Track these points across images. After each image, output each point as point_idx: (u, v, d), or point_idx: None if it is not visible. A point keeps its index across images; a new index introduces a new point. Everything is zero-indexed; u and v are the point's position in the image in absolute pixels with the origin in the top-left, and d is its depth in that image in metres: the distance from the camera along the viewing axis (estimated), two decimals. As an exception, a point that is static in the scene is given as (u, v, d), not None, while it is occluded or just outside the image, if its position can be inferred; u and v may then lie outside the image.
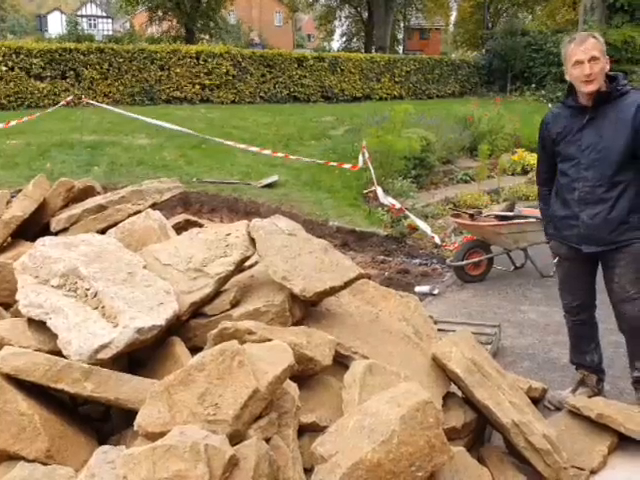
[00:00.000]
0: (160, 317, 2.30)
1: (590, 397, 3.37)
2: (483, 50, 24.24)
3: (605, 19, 19.80)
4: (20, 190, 7.75)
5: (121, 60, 14.31)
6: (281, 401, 2.18)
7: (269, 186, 8.54)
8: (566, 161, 3.28)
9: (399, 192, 8.05)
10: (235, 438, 1.90)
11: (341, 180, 9.06)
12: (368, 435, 2.04)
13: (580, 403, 3.17)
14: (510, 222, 5.82)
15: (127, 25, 43.51)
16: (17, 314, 2.56)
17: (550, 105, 16.42)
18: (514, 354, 4.40)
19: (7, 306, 2.78)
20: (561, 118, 3.33)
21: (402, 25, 42.16)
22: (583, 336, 3.59)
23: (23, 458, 2.00)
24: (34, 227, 3.56)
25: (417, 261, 6.83)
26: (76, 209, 3.50)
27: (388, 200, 7.25)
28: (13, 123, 8.82)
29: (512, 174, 10.67)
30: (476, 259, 5.99)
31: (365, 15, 36.84)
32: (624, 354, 3.57)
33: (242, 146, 8.77)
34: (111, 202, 3.52)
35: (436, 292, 5.70)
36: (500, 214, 6.04)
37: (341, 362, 2.67)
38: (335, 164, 8.35)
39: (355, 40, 43.21)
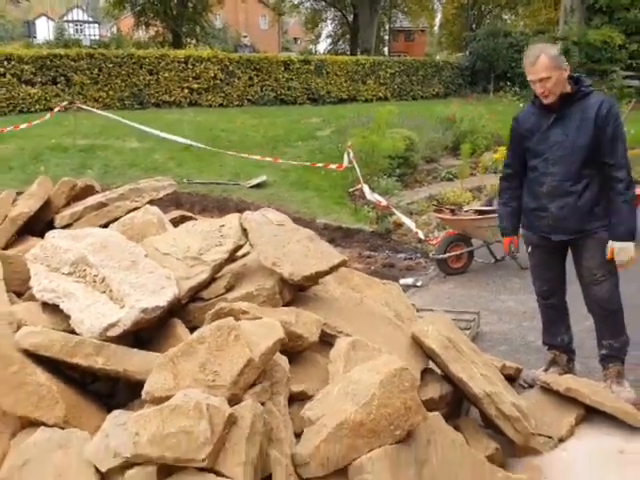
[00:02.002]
0: (162, 299, 2.54)
1: (561, 375, 3.63)
2: (466, 52, 24.58)
3: (585, 20, 20.22)
4: (19, 193, 8.00)
5: (110, 65, 14.50)
6: (273, 371, 2.42)
7: (258, 186, 8.79)
8: (535, 157, 3.52)
9: (384, 190, 8.32)
10: (233, 401, 2.14)
11: (327, 180, 9.32)
12: (351, 399, 2.29)
13: (550, 379, 3.43)
14: (488, 216, 6.10)
15: (114, 30, 43.58)
16: (30, 300, 2.78)
17: (522, 105, 16.80)
18: (492, 339, 4.66)
19: (19, 294, 3.00)
20: (531, 116, 3.56)
21: (387, 27, 42.50)
22: (554, 319, 3.84)
23: (43, 424, 2.23)
24: (39, 224, 3.77)
25: (402, 255, 7.10)
26: (78, 206, 3.73)
27: (374, 197, 7.51)
28: (10, 128, 8.99)
29: (494, 172, 10.93)
30: (457, 252, 6.27)
31: (350, 18, 37.16)
32: (594, 338, 3.81)
33: (230, 152, 9.00)
34: (111, 199, 3.75)
35: (420, 284, 5.97)
36: (479, 209, 6.32)
37: (327, 341, 2.91)
38: (321, 165, 8.58)
39: (341, 42, 43.54)
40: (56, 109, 9.84)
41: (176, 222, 3.76)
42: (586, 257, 3.52)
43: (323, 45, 48.31)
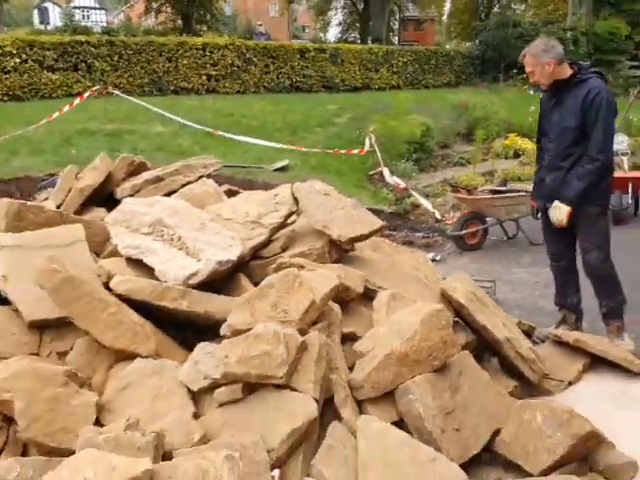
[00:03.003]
0: (232, 254, 2.96)
1: (570, 331, 4.06)
2: (477, 41, 24.83)
3: (593, 11, 20.57)
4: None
5: (130, 52, 14.87)
6: (329, 315, 2.84)
7: (281, 170, 9.18)
8: (543, 135, 4.08)
9: (402, 173, 8.72)
10: (301, 334, 2.56)
11: (347, 164, 9.70)
12: (396, 335, 2.71)
13: (561, 332, 3.86)
14: (503, 195, 6.50)
15: (120, 17, 43.86)
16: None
17: (532, 92, 17.30)
18: (507, 305, 5.05)
19: (97, 255, 3.42)
20: (544, 99, 4.12)
21: (397, 16, 42.60)
22: (564, 280, 4.28)
23: (138, 355, 2.65)
24: (99, 195, 4.19)
25: (420, 234, 7.51)
26: (137, 180, 4.15)
27: (394, 180, 7.92)
28: (56, 115, 9.39)
29: (505, 157, 11.33)
30: (473, 229, 6.68)
31: (361, 6, 37.28)
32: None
33: (258, 141, 9.34)
34: (167, 174, 4.18)
35: (438, 258, 6.39)
36: (494, 189, 6.73)
37: (368, 295, 3.32)
38: (344, 151, 8.96)
39: (351, 31, 43.67)
40: (86, 94, 10.19)
41: (226, 194, 4.17)
42: (577, 228, 3.98)
43: (332, 33, 48.42)
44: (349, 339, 2.95)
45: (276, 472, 2.21)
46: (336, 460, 2.34)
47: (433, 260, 6.31)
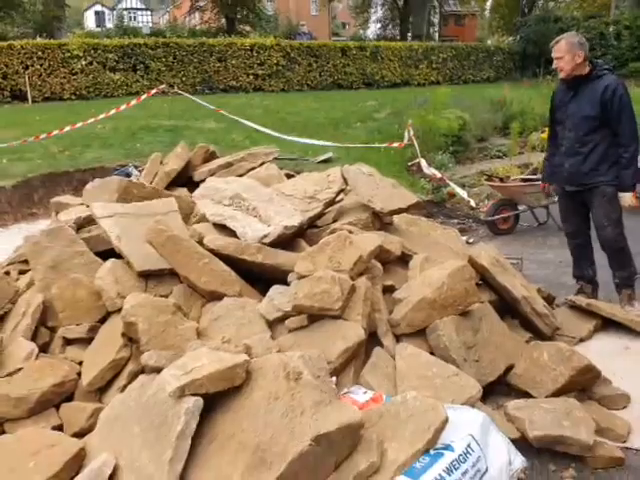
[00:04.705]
0: (295, 221, 3.69)
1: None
2: (517, 36, 25.05)
3: (636, 5, 20.57)
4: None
5: (184, 53, 15.89)
6: (372, 269, 3.53)
7: (325, 161, 9.89)
8: (559, 124, 4.59)
9: (439, 165, 9.31)
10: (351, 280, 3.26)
11: (386, 157, 10.34)
12: (427, 285, 3.38)
13: (575, 298, 4.45)
14: (533, 183, 7.06)
15: (165, 17, 45.24)
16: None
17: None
18: (533, 280, 5.59)
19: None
20: (560, 92, 4.62)
21: (438, 11, 42.81)
22: (580, 255, 4.83)
23: (225, 295, 3.39)
24: (180, 178, 4.98)
25: (455, 221, 8.10)
26: (212, 165, 4.92)
27: (431, 170, 8.52)
28: (113, 112, 10.25)
29: (541, 150, 11.76)
30: (505, 215, 7.26)
31: (401, 2, 37.64)
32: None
33: (302, 140, 10.05)
34: (235, 160, 4.94)
35: (471, 241, 7.00)
36: (525, 177, 7.30)
37: (404, 260, 3.99)
38: (385, 145, 9.60)
39: (390, 27, 44.02)
40: (153, 91, 11.08)
41: (285, 177, 4.91)
42: (593, 206, 4.53)
43: (372, 30, 48.80)
44: (389, 291, 3.62)
45: (334, 379, 2.92)
46: (379, 374, 3.04)
47: (467, 242, 6.94)
